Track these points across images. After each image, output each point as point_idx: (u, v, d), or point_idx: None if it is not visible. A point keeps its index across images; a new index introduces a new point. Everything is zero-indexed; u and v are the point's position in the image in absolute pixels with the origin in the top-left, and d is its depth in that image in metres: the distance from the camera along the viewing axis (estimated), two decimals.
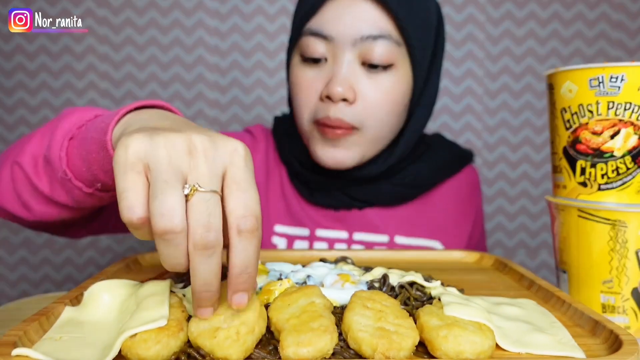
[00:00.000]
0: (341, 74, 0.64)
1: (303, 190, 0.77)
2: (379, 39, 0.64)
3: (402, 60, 0.67)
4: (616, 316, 0.49)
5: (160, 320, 0.34)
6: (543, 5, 1.40)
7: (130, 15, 1.41)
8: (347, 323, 0.35)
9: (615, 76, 0.48)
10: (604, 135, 0.49)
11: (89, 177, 0.48)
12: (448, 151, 0.82)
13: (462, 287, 0.49)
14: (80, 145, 0.48)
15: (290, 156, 0.77)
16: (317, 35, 0.66)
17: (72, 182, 0.49)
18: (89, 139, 0.47)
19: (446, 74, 1.43)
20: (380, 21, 0.64)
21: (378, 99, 0.66)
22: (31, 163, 0.52)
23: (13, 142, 1.44)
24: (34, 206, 0.55)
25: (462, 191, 0.84)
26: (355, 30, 0.64)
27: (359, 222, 0.77)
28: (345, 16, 0.64)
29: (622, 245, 0.48)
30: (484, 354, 0.34)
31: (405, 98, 0.69)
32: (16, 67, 1.42)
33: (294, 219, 0.78)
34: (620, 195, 0.49)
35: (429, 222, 0.80)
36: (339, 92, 0.63)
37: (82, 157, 0.48)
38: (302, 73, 0.69)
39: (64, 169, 0.49)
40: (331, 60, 0.66)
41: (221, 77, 1.43)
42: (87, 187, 0.49)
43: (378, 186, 0.76)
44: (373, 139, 0.69)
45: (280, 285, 0.43)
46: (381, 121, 0.68)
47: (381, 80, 0.66)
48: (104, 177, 0.47)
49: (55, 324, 0.39)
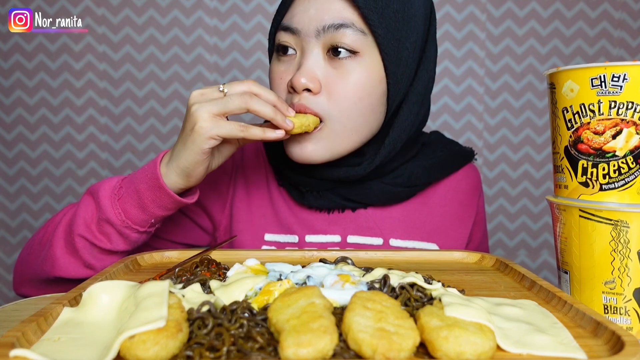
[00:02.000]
0: (305, 65, 0.65)
1: (294, 193, 0.76)
2: (341, 27, 0.64)
3: (369, 50, 0.66)
4: (618, 317, 0.49)
5: (159, 321, 0.33)
6: (544, 4, 1.40)
7: (129, 14, 1.40)
8: (347, 324, 0.35)
9: (617, 75, 0.48)
10: (606, 135, 0.49)
11: (146, 217, 0.63)
12: (446, 150, 0.80)
13: (463, 288, 0.49)
14: (130, 198, 0.62)
15: (279, 159, 0.76)
16: (287, 29, 0.67)
17: (132, 227, 0.63)
18: (135, 191, 0.62)
19: (446, 74, 1.43)
20: (343, 11, 0.64)
21: (343, 89, 0.65)
22: (88, 231, 0.64)
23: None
24: (97, 264, 0.65)
25: (461, 191, 0.81)
26: (318, 21, 0.64)
27: (352, 224, 0.76)
28: (310, 9, 0.65)
29: (624, 245, 0.48)
30: (484, 354, 0.33)
31: (376, 90, 0.67)
32: (14, 66, 1.42)
33: (283, 226, 0.76)
34: (622, 195, 0.49)
35: (425, 224, 0.78)
36: (302, 83, 0.64)
37: (136, 206, 0.62)
38: (275, 67, 0.70)
39: (125, 221, 0.62)
40: (299, 53, 0.68)
41: (220, 76, 1.43)
42: (144, 227, 0.64)
43: (369, 186, 0.74)
44: (341, 133, 0.67)
45: (280, 285, 0.43)
46: (347, 112, 0.66)
47: (347, 70, 0.65)
48: (160, 211, 0.63)
49: (53, 324, 0.38)
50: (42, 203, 1.47)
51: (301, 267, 0.51)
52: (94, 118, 1.44)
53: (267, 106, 0.59)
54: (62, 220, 0.67)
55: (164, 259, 0.62)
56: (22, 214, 1.48)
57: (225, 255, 0.62)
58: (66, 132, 1.45)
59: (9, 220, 1.48)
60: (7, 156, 1.46)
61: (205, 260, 0.54)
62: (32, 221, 1.48)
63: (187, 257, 0.60)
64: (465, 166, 0.82)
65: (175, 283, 0.47)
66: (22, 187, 1.47)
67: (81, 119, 1.44)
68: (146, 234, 0.66)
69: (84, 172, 1.46)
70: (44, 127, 1.44)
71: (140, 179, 0.63)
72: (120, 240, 0.64)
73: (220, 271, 0.51)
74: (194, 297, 0.42)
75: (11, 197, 1.47)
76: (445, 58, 1.42)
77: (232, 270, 0.49)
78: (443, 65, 1.42)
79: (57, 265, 0.65)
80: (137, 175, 0.64)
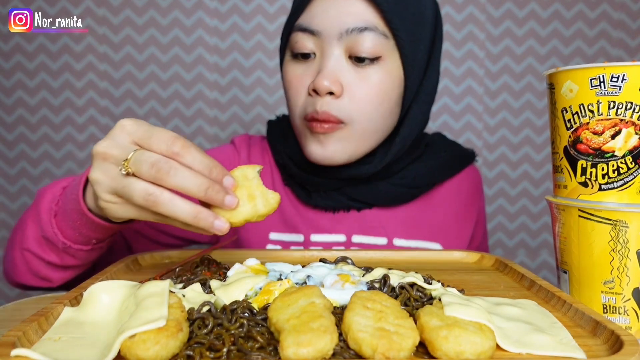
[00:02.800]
0: (328, 68, 0.64)
1: (300, 192, 0.76)
2: (365, 31, 0.64)
3: (390, 53, 0.66)
4: (617, 317, 0.49)
5: (160, 321, 0.34)
6: (543, 4, 1.40)
7: (129, 15, 1.40)
8: (347, 323, 0.35)
9: (616, 76, 0.48)
10: (605, 135, 0.49)
11: (84, 239, 0.56)
12: (449, 151, 0.81)
13: (463, 288, 0.49)
14: (64, 219, 0.55)
15: (285, 158, 0.76)
16: (305, 30, 0.66)
17: (73, 247, 0.57)
18: (68, 211, 0.54)
19: (446, 74, 1.43)
20: (366, 14, 0.64)
21: (365, 92, 0.66)
22: (36, 245, 0.59)
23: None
24: (53, 276, 0.61)
25: (463, 192, 0.82)
26: (341, 23, 0.64)
27: (357, 224, 0.76)
28: (331, 10, 0.64)
29: (623, 245, 0.48)
30: (484, 354, 0.33)
31: (395, 92, 0.68)
32: (15, 66, 1.42)
33: (288, 225, 0.77)
34: (621, 195, 0.49)
35: (429, 224, 0.79)
36: (325, 86, 0.63)
37: (70, 227, 0.55)
38: (292, 69, 0.69)
39: (62, 241, 0.56)
40: (319, 55, 0.67)
41: (221, 77, 1.43)
42: (87, 246, 0.57)
43: (376, 186, 0.75)
44: (362, 135, 0.68)
45: (280, 285, 0.43)
46: (369, 115, 0.67)
47: (369, 73, 0.65)
48: (95, 234, 0.55)
49: (54, 324, 0.38)
50: None
51: (301, 266, 0.51)
52: (95, 118, 1.44)
53: (191, 188, 0.41)
54: (18, 228, 0.63)
55: (164, 258, 0.63)
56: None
57: (226, 255, 0.63)
58: (67, 132, 1.45)
59: (10, 220, 1.48)
60: (8, 156, 1.46)
61: (205, 260, 0.54)
62: None
63: (187, 257, 0.61)
64: (467, 167, 0.83)
65: (176, 283, 0.47)
66: (23, 187, 1.47)
67: (82, 119, 1.44)
68: (98, 250, 0.59)
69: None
70: (45, 127, 1.45)
71: (70, 198, 0.54)
72: (68, 258, 0.58)
73: (221, 271, 0.51)
74: (194, 297, 0.42)
75: (12, 197, 1.47)
76: (445, 58, 1.42)
77: (232, 270, 0.49)
78: (443, 66, 1.42)
79: (16, 274, 0.63)
80: (70, 189, 0.55)
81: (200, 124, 1.44)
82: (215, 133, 1.44)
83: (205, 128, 1.44)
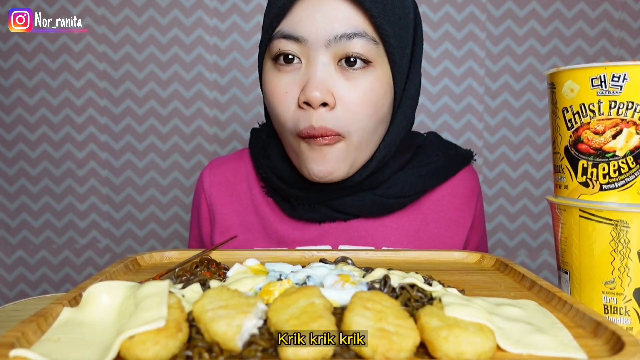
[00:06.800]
0: (317, 77, 0.60)
1: (284, 205, 0.73)
2: (354, 37, 0.60)
3: (380, 59, 0.62)
4: (618, 317, 0.48)
5: (159, 321, 0.33)
6: (544, 4, 1.40)
7: (128, 14, 1.40)
8: (347, 324, 0.35)
9: (617, 75, 0.48)
10: (606, 135, 0.49)
11: None
12: (442, 154, 0.76)
13: (463, 288, 0.49)
14: None
15: (268, 171, 0.73)
16: (289, 37, 0.61)
17: None
18: None
19: (447, 73, 1.43)
20: (354, 19, 0.60)
21: (358, 101, 0.62)
22: None
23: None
24: None
25: (458, 196, 0.77)
26: (328, 30, 0.60)
27: (344, 234, 0.73)
28: (316, 16, 0.60)
29: (624, 245, 0.48)
30: (484, 354, 0.33)
31: (386, 100, 0.65)
32: (14, 66, 1.42)
33: (272, 239, 0.74)
34: (622, 195, 0.49)
35: (419, 232, 0.75)
36: (317, 97, 0.59)
37: None
38: (277, 80, 0.64)
39: None
40: (305, 64, 0.62)
41: (220, 77, 1.43)
42: None
43: (361, 198, 0.71)
44: (359, 146, 0.65)
45: (279, 285, 0.42)
46: (364, 125, 0.63)
47: (359, 81, 0.62)
48: None
49: (53, 325, 0.38)
50: (42, 203, 1.47)
51: (301, 267, 0.51)
52: (94, 118, 1.44)
53: None
54: None
55: (164, 259, 0.62)
56: (22, 214, 1.48)
57: (225, 255, 0.62)
58: (66, 132, 1.45)
59: (8, 220, 1.48)
60: (7, 156, 1.46)
61: (205, 260, 0.54)
62: (32, 221, 1.48)
63: (187, 257, 0.60)
64: (463, 169, 0.78)
65: (175, 283, 0.47)
66: (21, 187, 1.47)
67: (81, 119, 1.44)
68: None
69: (83, 172, 1.46)
70: (44, 127, 1.44)
71: None
72: None
73: (220, 271, 0.51)
74: (194, 297, 0.41)
75: (11, 197, 1.47)
76: (445, 58, 1.42)
77: (232, 270, 0.49)
78: (443, 65, 1.42)
79: None
80: None
81: (200, 124, 1.44)
82: (214, 133, 1.44)
83: (204, 128, 1.44)
